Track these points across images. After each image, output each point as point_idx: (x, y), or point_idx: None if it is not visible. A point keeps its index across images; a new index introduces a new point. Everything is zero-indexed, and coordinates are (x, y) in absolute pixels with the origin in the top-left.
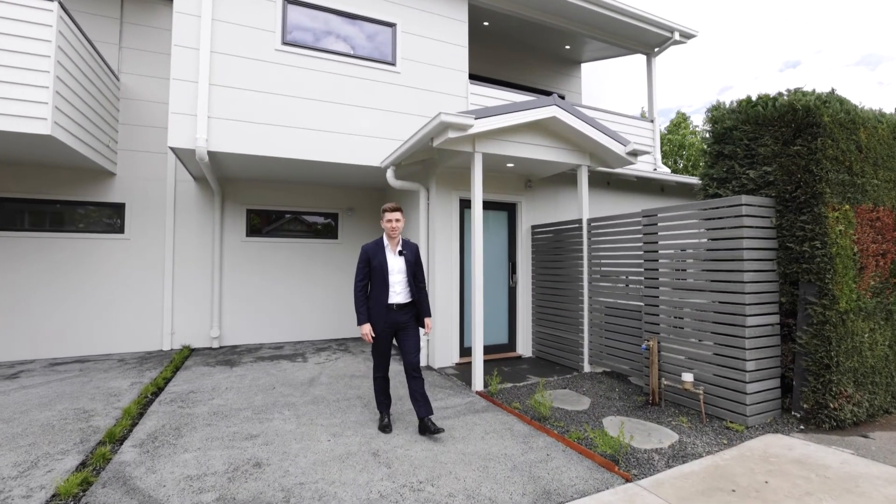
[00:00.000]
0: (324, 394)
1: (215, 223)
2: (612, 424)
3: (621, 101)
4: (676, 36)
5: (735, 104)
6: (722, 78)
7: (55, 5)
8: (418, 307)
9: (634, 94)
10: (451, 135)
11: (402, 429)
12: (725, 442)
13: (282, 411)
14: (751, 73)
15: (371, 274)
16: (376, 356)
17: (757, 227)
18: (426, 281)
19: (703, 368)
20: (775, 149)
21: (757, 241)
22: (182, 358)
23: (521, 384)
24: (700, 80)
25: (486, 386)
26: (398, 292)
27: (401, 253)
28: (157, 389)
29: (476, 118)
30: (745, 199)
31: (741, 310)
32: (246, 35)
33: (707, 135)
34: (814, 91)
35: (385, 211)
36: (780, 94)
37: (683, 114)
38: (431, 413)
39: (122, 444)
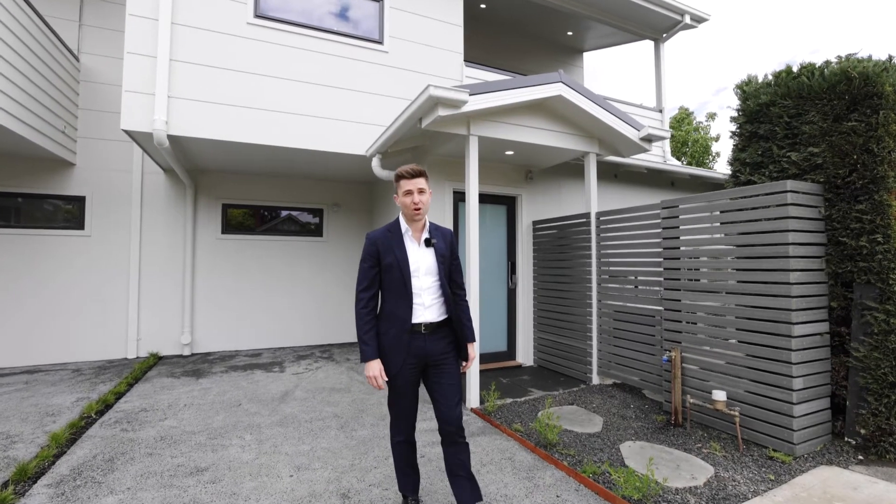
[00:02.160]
0: (296, 412)
1: (187, 219)
2: (633, 453)
3: (622, 96)
4: (687, 19)
5: (771, 77)
6: (716, 78)
7: None
8: (457, 328)
9: (634, 88)
10: (442, 113)
11: None
12: (772, 477)
13: (242, 435)
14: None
15: (382, 278)
16: (394, 409)
17: (803, 219)
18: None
19: (737, 385)
20: (824, 126)
21: (803, 235)
22: (145, 368)
23: (523, 399)
24: (693, 80)
25: (482, 402)
26: (428, 304)
27: (429, 242)
28: (105, 407)
29: (471, 94)
30: (790, 184)
31: (787, 317)
32: (213, 5)
33: (737, 113)
34: (870, 57)
35: (400, 178)
36: (828, 62)
37: (686, 109)
38: (481, 500)
39: (35, 482)
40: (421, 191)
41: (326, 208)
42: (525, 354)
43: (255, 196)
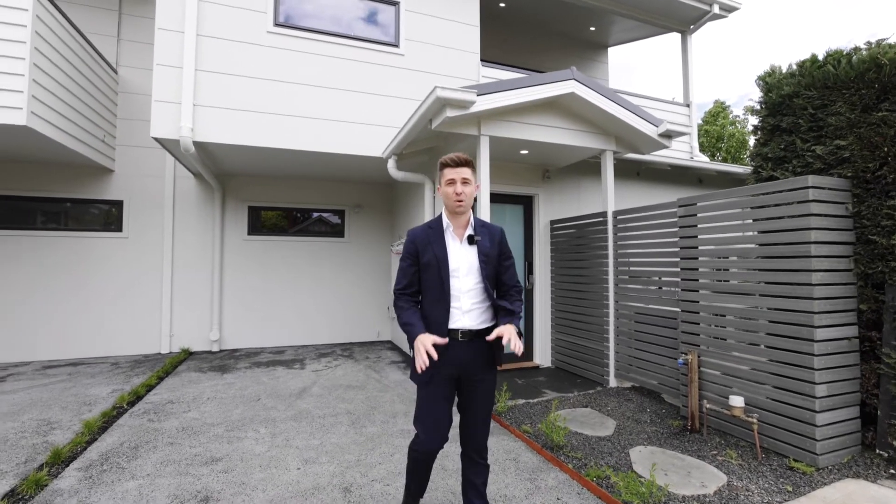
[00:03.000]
0: (310, 407)
1: (215, 221)
2: (642, 458)
3: (654, 91)
4: (716, 9)
5: (795, 66)
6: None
7: None
8: (496, 308)
9: (664, 83)
10: (450, 114)
11: None
12: (790, 489)
13: (257, 428)
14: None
15: (421, 277)
16: (423, 417)
17: (828, 216)
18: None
19: (757, 390)
20: (851, 117)
21: (828, 234)
22: (175, 362)
23: (536, 400)
24: (731, 72)
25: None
26: (466, 309)
27: (472, 240)
28: (136, 398)
29: (479, 94)
30: (812, 179)
31: (808, 319)
32: (235, 16)
33: (759, 106)
34: None
35: (444, 166)
36: (856, 48)
37: (722, 103)
38: None
39: (68, 465)
40: (465, 181)
41: (348, 209)
42: (543, 356)
43: (279, 198)
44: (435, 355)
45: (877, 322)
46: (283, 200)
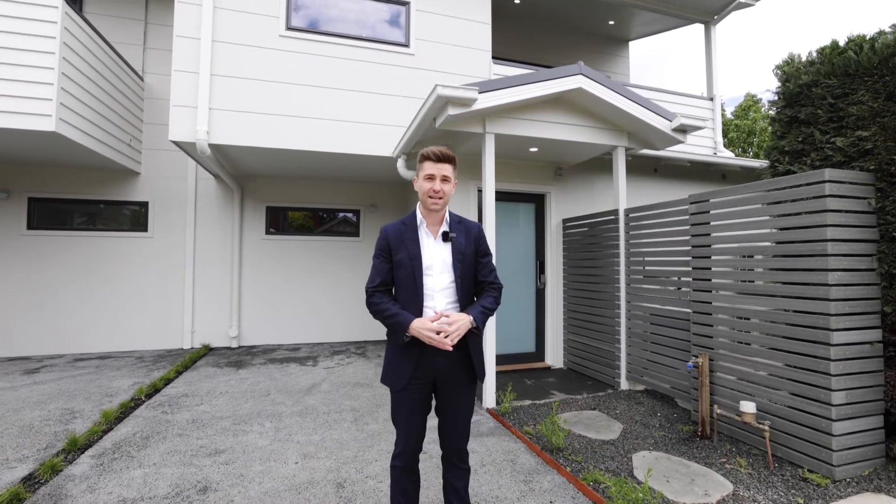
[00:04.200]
0: (316, 403)
1: (234, 220)
2: (645, 463)
3: (678, 85)
4: None
5: (815, 54)
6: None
7: (60, 1)
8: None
9: (698, 78)
10: (452, 112)
11: None
12: (801, 501)
13: (263, 423)
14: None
15: (394, 276)
16: (397, 426)
17: (847, 212)
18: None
19: (771, 396)
20: (874, 106)
21: (847, 231)
22: (195, 357)
23: (542, 402)
24: (767, 64)
25: (498, 403)
26: (441, 309)
27: (446, 236)
28: (153, 391)
29: (480, 91)
30: (828, 173)
31: (825, 322)
32: (248, 22)
33: (777, 96)
34: None
35: (425, 158)
36: (881, 31)
37: (753, 96)
38: None
39: (83, 452)
40: (445, 178)
41: (363, 209)
42: (554, 356)
43: (296, 198)
44: (435, 327)
45: None
46: (300, 200)
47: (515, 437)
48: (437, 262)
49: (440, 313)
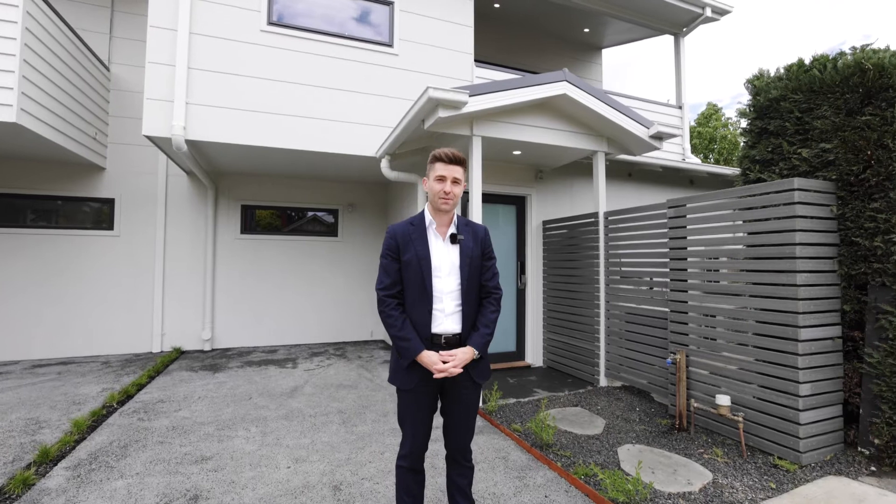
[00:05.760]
0: (302, 406)
1: (208, 219)
2: (630, 456)
3: (648, 93)
4: (708, 12)
5: (783, 70)
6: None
7: None
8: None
9: (659, 85)
10: (443, 114)
11: None
12: (773, 486)
13: (248, 427)
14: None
15: (402, 276)
16: (404, 427)
17: (813, 218)
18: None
19: (743, 390)
20: (836, 121)
21: (813, 235)
22: (167, 361)
23: (527, 399)
24: (726, 74)
25: (484, 402)
26: (449, 312)
27: (455, 238)
28: (126, 397)
29: (471, 95)
30: (798, 182)
31: (793, 319)
32: (228, 14)
33: (747, 109)
34: (887, 48)
35: (437, 160)
36: (841, 53)
37: (715, 105)
38: None
39: (56, 464)
40: (455, 181)
41: (342, 208)
42: (534, 355)
43: (272, 197)
44: (445, 367)
45: (859, 322)
46: (277, 199)
47: (505, 435)
48: (446, 263)
49: (444, 355)
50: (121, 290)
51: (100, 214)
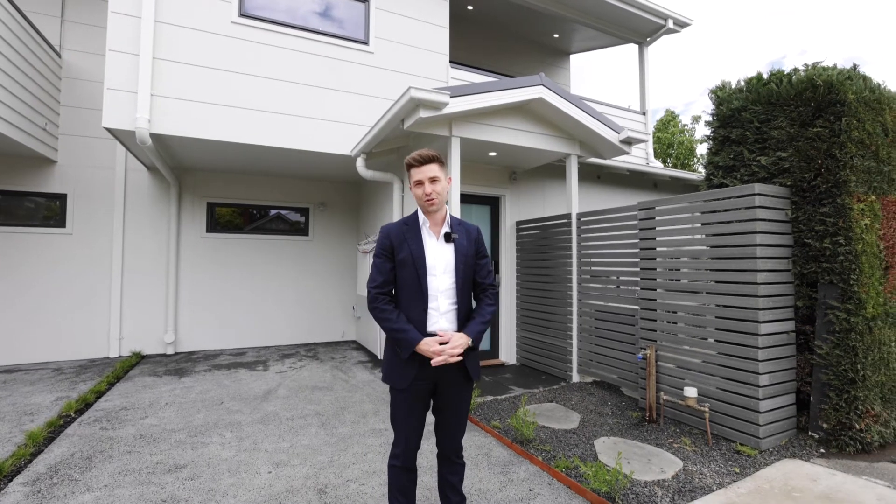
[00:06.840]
0: (277, 410)
1: (171, 217)
2: (606, 448)
3: (611, 98)
4: (670, 24)
5: (743, 83)
6: (705, 80)
7: None
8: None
9: (623, 90)
10: (423, 114)
11: None
12: (738, 470)
13: (223, 433)
14: (737, 75)
15: (396, 275)
16: (396, 426)
17: (771, 221)
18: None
19: (708, 382)
20: (791, 131)
21: (771, 237)
22: (127, 367)
23: (503, 397)
24: (680, 83)
25: None
26: (444, 310)
27: (449, 237)
28: (84, 406)
29: (452, 96)
30: (758, 187)
31: (754, 315)
32: (197, 4)
33: (711, 118)
34: (835, 66)
35: (409, 166)
36: (795, 69)
37: (672, 112)
38: None
39: (11, 479)
40: (433, 180)
41: (312, 207)
42: (508, 353)
43: (240, 195)
44: (447, 350)
45: (811, 317)
46: (246, 197)
47: (485, 433)
48: (441, 262)
49: (441, 336)
50: (74, 292)
51: (50, 210)
